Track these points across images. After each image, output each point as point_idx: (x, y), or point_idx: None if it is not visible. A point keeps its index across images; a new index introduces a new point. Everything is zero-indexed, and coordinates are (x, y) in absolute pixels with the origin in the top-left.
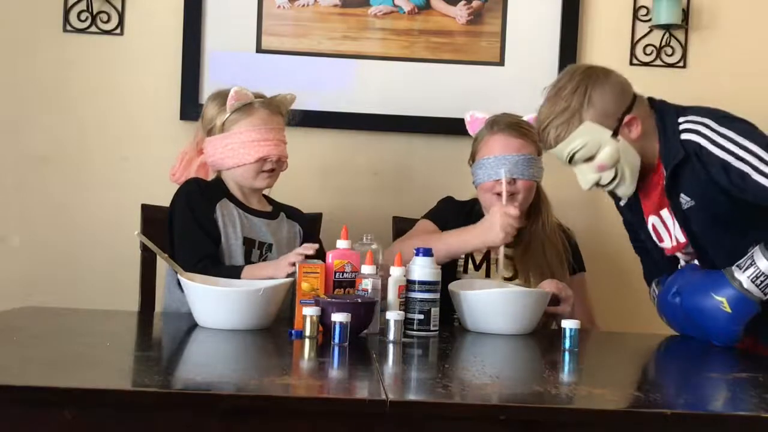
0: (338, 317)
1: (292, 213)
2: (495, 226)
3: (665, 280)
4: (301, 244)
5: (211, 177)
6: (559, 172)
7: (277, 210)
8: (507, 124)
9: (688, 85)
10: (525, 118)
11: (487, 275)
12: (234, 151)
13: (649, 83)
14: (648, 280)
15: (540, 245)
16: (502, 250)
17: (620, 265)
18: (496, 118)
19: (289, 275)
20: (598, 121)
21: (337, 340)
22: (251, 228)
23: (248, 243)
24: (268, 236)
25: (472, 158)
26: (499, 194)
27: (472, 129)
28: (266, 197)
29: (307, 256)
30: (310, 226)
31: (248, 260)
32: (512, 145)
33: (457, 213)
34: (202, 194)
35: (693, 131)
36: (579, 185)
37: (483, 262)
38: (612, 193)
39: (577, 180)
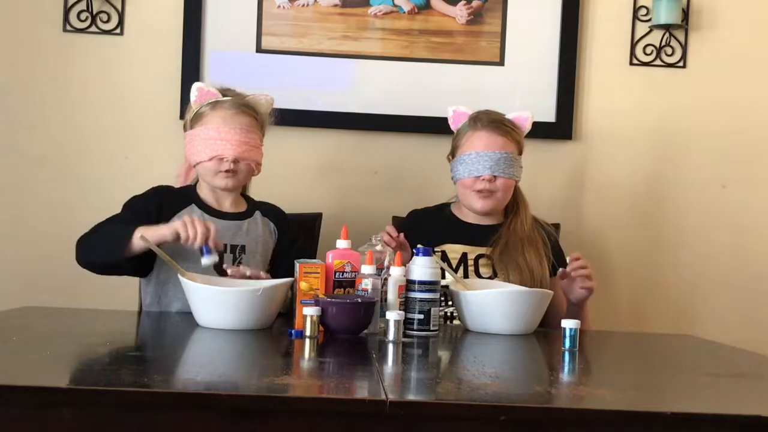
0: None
1: (268, 211)
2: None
3: None
4: (276, 242)
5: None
6: (541, 171)
7: (252, 209)
8: (490, 121)
9: (688, 85)
10: (508, 116)
11: (465, 276)
12: (194, 149)
13: (649, 83)
14: None
15: (518, 244)
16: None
17: (604, 263)
18: (478, 114)
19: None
20: None
21: (204, 251)
22: (220, 232)
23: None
24: (239, 238)
25: (452, 153)
26: (479, 191)
27: (454, 124)
28: (244, 196)
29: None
30: (283, 224)
31: (220, 264)
32: (495, 142)
33: (426, 223)
34: (157, 199)
35: None
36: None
37: (460, 264)
38: None
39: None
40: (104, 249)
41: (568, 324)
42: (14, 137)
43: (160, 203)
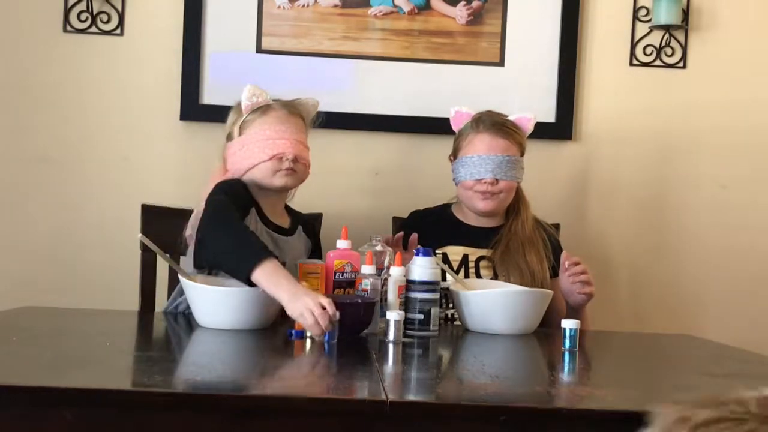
0: None
1: (306, 224)
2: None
3: None
4: (308, 256)
5: None
6: (541, 172)
7: (295, 223)
8: (493, 123)
9: (688, 86)
10: (511, 118)
11: (466, 278)
12: (249, 151)
13: (649, 84)
14: None
15: (519, 245)
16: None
17: (604, 263)
18: (481, 115)
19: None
20: None
21: (326, 337)
22: (269, 245)
23: None
24: (283, 253)
25: (454, 155)
26: (480, 192)
27: (456, 124)
28: (287, 209)
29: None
30: (316, 237)
31: None
32: (498, 145)
33: (428, 224)
34: (241, 191)
35: None
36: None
37: (461, 267)
38: None
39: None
40: (230, 265)
41: (568, 324)
42: (14, 137)
43: (248, 196)
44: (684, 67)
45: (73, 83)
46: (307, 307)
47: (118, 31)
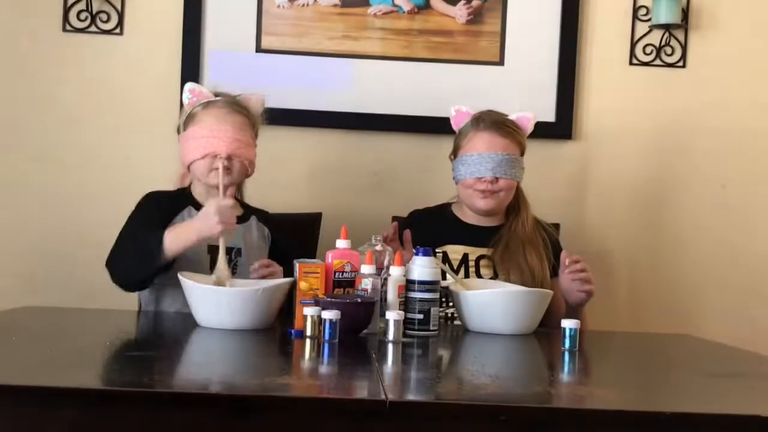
0: (328, 314)
1: (263, 217)
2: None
3: None
4: (270, 248)
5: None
6: (541, 171)
7: (248, 214)
8: (493, 122)
9: (688, 85)
10: (511, 117)
11: (466, 277)
12: (187, 148)
13: (649, 83)
14: None
15: (520, 245)
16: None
17: (604, 263)
18: (481, 114)
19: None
20: None
21: (327, 336)
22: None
23: (214, 250)
24: (235, 241)
25: (454, 153)
26: (480, 191)
27: (456, 124)
28: (239, 201)
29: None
30: (278, 229)
31: (215, 266)
32: (498, 144)
33: (427, 223)
34: (157, 207)
35: None
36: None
37: (461, 266)
38: None
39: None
40: (140, 266)
41: (568, 324)
42: (13, 137)
43: (159, 208)
44: (684, 66)
45: (72, 83)
46: (216, 213)
47: (117, 30)
